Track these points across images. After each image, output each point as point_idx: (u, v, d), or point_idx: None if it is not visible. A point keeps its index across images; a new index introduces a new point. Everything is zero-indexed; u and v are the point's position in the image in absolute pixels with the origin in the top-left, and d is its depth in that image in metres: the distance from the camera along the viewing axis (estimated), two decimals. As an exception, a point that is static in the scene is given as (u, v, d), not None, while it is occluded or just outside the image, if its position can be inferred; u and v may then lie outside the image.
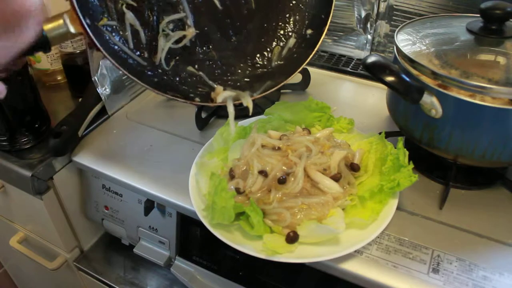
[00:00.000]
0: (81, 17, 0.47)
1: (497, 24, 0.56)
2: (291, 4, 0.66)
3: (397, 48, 0.58)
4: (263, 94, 0.59)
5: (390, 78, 0.51)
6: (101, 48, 0.49)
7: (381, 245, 0.52)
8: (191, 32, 0.59)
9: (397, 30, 0.62)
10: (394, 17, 0.85)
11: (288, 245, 0.49)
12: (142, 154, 0.69)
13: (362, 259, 0.50)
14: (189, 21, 0.60)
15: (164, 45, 0.58)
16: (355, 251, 0.50)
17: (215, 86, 0.59)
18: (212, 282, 0.67)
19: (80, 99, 0.78)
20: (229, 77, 0.62)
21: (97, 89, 0.73)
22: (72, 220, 0.77)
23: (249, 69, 0.63)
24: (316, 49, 0.63)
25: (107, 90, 0.76)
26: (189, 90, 0.59)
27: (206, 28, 0.62)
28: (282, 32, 0.66)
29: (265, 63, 0.64)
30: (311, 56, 0.63)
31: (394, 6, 0.84)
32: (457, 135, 0.53)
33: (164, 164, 0.66)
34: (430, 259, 0.50)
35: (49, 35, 0.48)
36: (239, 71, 0.63)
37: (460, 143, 0.54)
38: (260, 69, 0.64)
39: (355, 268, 0.50)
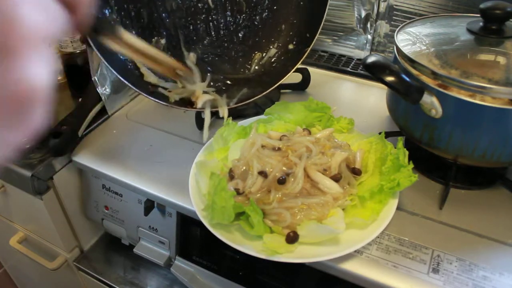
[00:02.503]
0: None
1: (497, 24, 0.56)
2: (283, 14, 0.67)
3: (397, 48, 0.58)
4: (239, 104, 0.61)
5: (390, 78, 0.51)
6: (92, 45, 0.50)
7: (381, 245, 0.52)
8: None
9: (397, 30, 0.62)
10: (394, 17, 0.85)
11: (288, 245, 0.49)
12: (142, 154, 0.69)
13: (362, 259, 0.50)
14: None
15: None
16: (355, 251, 0.50)
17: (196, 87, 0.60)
18: (212, 282, 0.67)
19: (80, 99, 0.78)
20: (211, 76, 0.63)
21: (97, 89, 0.73)
22: (72, 220, 0.77)
23: (230, 71, 0.64)
24: (295, 67, 0.65)
25: (107, 90, 0.75)
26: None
27: (198, 27, 0.62)
28: (266, 40, 0.67)
29: (246, 67, 0.65)
30: (289, 74, 0.65)
31: (394, 6, 0.84)
32: (457, 135, 0.53)
33: (164, 164, 0.66)
34: (430, 259, 0.50)
35: None
36: (222, 71, 0.64)
37: (460, 143, 0.54)
38: (241, 72, 0.65)
39: (355, 268, 0.50)
